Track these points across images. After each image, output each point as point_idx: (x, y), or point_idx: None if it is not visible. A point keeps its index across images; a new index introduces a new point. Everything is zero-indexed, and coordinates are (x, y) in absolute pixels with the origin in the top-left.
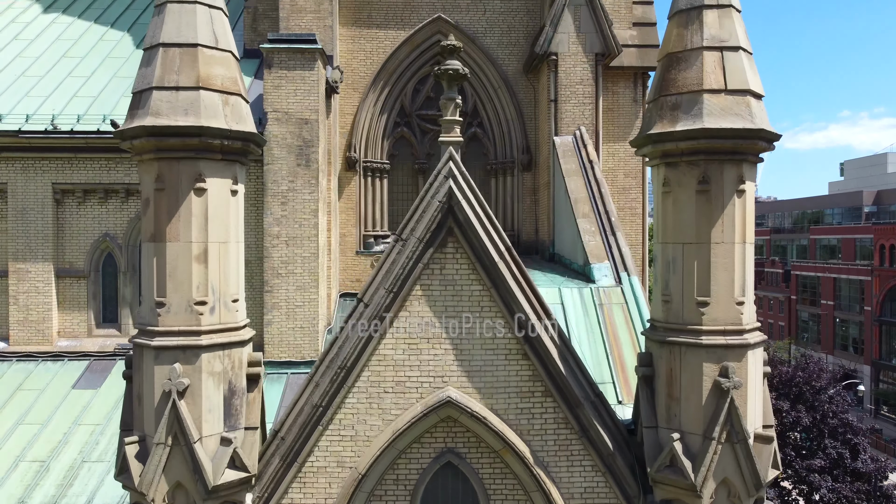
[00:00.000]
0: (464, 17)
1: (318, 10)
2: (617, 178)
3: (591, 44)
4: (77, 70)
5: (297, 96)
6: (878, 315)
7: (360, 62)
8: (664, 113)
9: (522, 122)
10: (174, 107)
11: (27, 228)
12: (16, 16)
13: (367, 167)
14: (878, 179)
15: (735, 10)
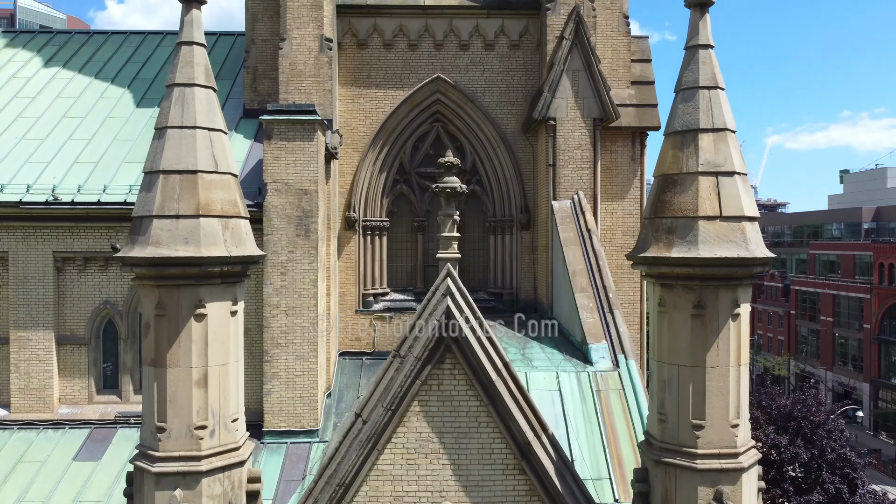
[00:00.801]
0: (462, 77)
1: (317, 73)
2: (615, 236)
3: (590, 109)
4: (78, 132)
5: (297, 167)
6: (877, 333)
7: (359, 122)
8: (660, 235)
9: (521, 180)
10: (174, 236)
11: (28, 296)
12: (17, 70)
13: (366, 226)
14: (877, 194)
15: (730, 132)
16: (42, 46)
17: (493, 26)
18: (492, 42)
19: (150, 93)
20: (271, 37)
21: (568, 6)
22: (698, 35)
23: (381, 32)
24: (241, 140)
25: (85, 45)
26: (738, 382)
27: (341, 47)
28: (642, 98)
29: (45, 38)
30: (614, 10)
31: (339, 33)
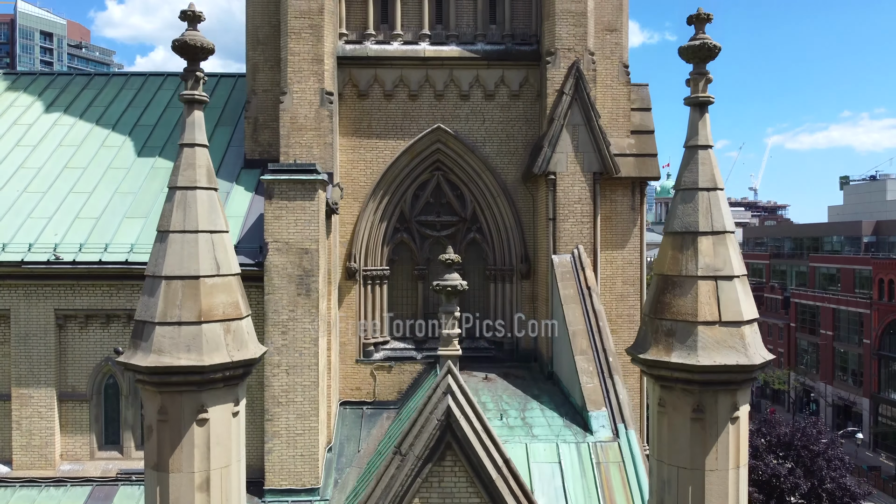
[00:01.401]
0: (463, 127)
1: (318, 127)
2: (615, 285)
3: (590, 163)
4: (79, 184)
5: (298, 226)
6: (877, 349)
7: (360, 171)
8: (659, 337)
9: (521, 230)
10: (176, 343)
11: (29, 353)
12: (19, 115)
13: (366, 276)
14: (877, 206)
15: (729, 233)
16: (43, 90)
17: (493, 77)
18: (492, 92)
19: (151, 140)
20: (272, 87)
21: (568, 60)
22: (698, 135)
23: (382, 83)
24: (241, 193)
25: (86, 87)
26: (738, 484)
27: (342, 97)
28: (642, 147)
29: (46, 81)
30: (614, 59)
31: (340, 84)
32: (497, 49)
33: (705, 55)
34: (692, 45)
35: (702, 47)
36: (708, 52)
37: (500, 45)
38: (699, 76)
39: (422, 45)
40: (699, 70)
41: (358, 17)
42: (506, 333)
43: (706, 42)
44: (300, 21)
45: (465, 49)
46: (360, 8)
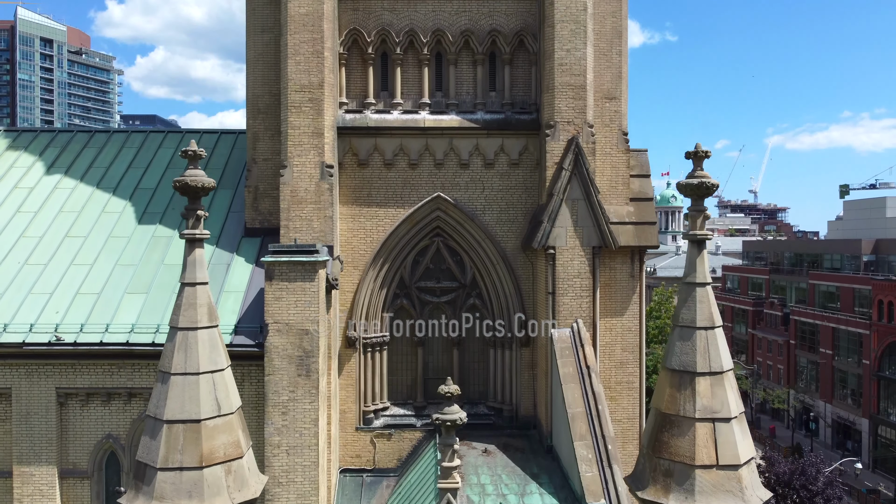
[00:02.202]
0: (462, 195)
1: (318, 200)
2: (614, 352)
3: (589, 237)
4: (80, 255)
5: (298, 307)
6: (877, 370)
7: (360, 240)
8: (657, 476)
9: (521, 297)
10: (178, 489)
11: (31, 431)
12: (20, 178)
13: (366, 343)
14: (876, 223)
15: (727, 372)
16: (44, 148)
17: (492, 146)
18: (491, 161)
19: (152, 205)
20: (272, 156)
21: (567, 133)
22: (696, 272)
23: (382, 152)
24: (241, 265)
25: (87, 146)
26: None
27: (342, 166)
28: (641, 215)
29: (47, 138)
30: (613, 127)
31: (340, 153)
32: (497, 118)
33: (703, 193)
34: (691, 184)
35: (700, 186)
36: (706, 190)
37: (499, 114)
38: (697, 213)
39: (422, 113)
40: (697, 207)
41: (358, 85)
42: (505, 400)
43: (704, 181)
44: (300, 95)
45: (464, 118)
46: (360, 76)
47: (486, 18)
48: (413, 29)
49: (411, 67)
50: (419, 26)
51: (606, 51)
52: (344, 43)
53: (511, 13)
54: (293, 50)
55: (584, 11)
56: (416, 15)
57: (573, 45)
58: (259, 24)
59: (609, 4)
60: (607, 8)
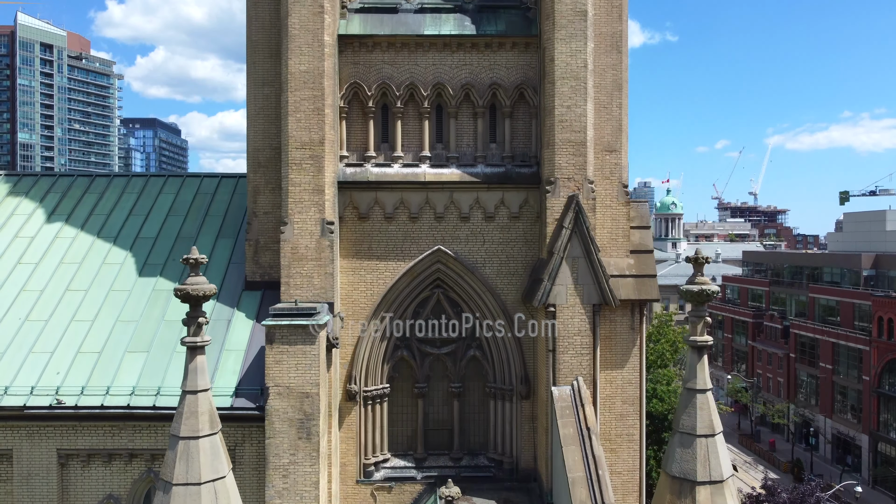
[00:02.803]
0: (463, 248)
1: (318, 257)
2: (615, 404)
3: (589, 295)
4: (81, 310)
5: (299, 371)
6: (877, 386)
7: (360, 293)
8: None
9: (521, 350)
10: None
11: (32, 492)
12: (20, 227)
13: (366, 396)
14: (876, 236)
15: (727, 481)
16: (45, 195)
17: (493, 199)
18: (492, 214)
19: (153, 256)
20: (273, 209)
21: (568, 189)
22: (696, 378)
23: (383, 205)
24: (242, 321)
25: (88, 191)
26: None
27: (343, 220)
28: (641, 268)
29: (48, 183)
30: (613, 180)
31: (341, 206)
32: (497, 172)
33: (704, 299)
34: (691, 290)
35: (701, 293)
36: (707, 297)
37: (500, 168)
38: (697, 318)
39: (422, 167)
40: (698, 312)
41: (359, 138)
42: (506, 452)
43: (704, 289)
44: (301, 152)
45: (465, 172)
46: (361, 128)
47: (487, 72)
48: (414, 82)
49: (412, 120)
50: (420, 79)
51: (607, 103)
52: (345, 96)
53: (511, 66)
54: (294, 107)
55: (584, 68)
56: (417, 68)
57: (574, 102)
58: (260, 77)
59: (609, 57)
60: (608, 61)
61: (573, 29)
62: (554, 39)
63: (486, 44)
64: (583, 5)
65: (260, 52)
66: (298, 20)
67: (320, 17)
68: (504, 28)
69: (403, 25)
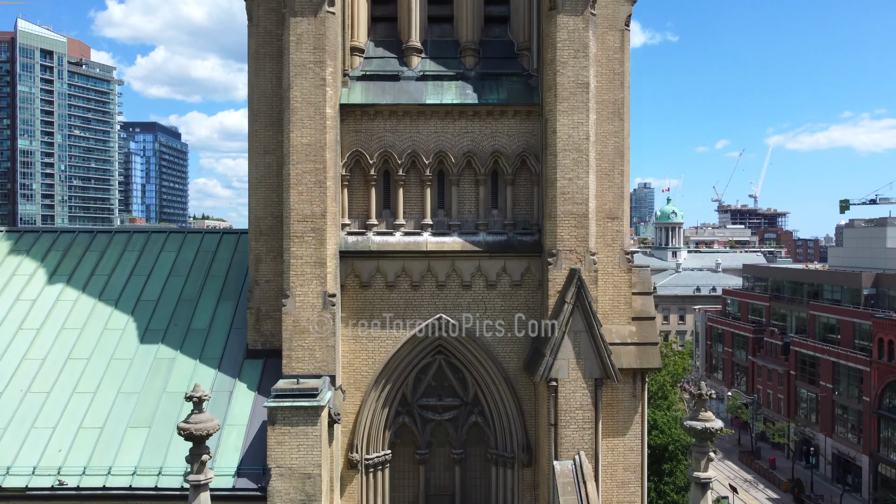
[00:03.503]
0: (464, 316)
1: (320, 330)
2: (616, 472)
3: (591, 370)
4: (82, 381)
5: (301, 451)
6: (877, 407)
7: (361, 361)
8: None
9: (523, 418)
10: None
11: None
12: (22, 289)
13: (368, 464)
14: (877, 252)
15: None
16: (46, 253)
17: (495, 267)
18: (494, 282)
19: (154, 321)
20: (274, 278)
21: (570, 261)
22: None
23: (385, 274)
24: (244, 393)
25: (89, 249)
26: None
27: (344, 288)
28: (643, 335)
29: (49, 240)
30: (615, 247)
31: (343, 275)
32: (499, 240)
33: (708, 436)
34: (695, 427)
35: (704, 431)
36: (710, 434)
37: (501, 236)
38: (701, 454)
39: (424, 235)
40: (702, 448)
41: (360, 205)
42: None
43: (708, 426)
44: (303, 225)
45: (466, 241)
46: (363, 195)
47: (489, 139)
48: (416, 150)
49: (414, 186)
50: (422, 147)
51: (609, 171)
52: (346, 164)
53: (513, 134)
54: (296, 180)
55: (586, 140)
56: (419, 136)
57: (576, 174)
58: (261, 146)
59: (611, 124)
60: (609, 128)
61: (575, 101)
62: (556, 112)
63: (487, 112)
64: (585, 77)
65: (261, 121)
66: (300, 93)
67: (322, 89)
68: (506, 97)
69: (405, 94)
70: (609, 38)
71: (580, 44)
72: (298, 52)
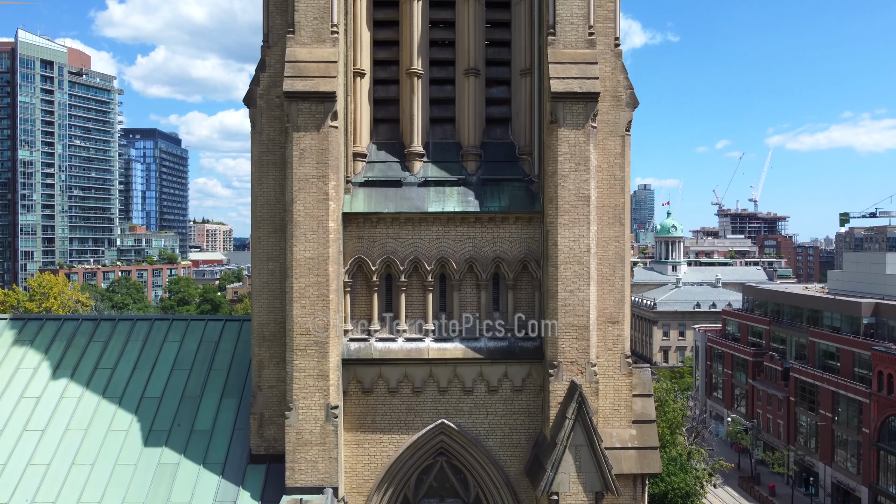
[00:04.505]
0: (466, 420)
1: (323, 442)
2: None
3: (591, 483)
4: (87, 492)
5: None
6: (877, 440)
7: (364, 466)
8: None
9: None
10: None
11: None
12: (26, 385)
13: None
14: (876, 278)
15: None
16: (50, 344)
17: (496, 373)
18: (495, 387)
19: (157, 422)
20: (277, 383)
21: (571, 372)
22: None
23: (387, 380)
24: (247, 502)
25: (92, 339)
26: None
27: (346, 394)
28: (644, 439)
29: (53, 329)
30: (616, 351)
31: (345, 382)
32: (500, 346)
33: None
34: None
35: None
36: None
37: (502, 341)
38: None
39: (426, 341)
40: None
41: (362, 309)
42: None
43: None
44: (305, 338)
45: (468, 347)
46: (365, 300)
47: (490, 245)
48: (418, 257)
49: (416, 291)
50: (424, 254)
51: (609, 276)
52: (349, 271)
53: (515, 239)
54: (299, 294)
55: (587, 253)
56: (421, 242)
57: (576, 287)
58: (264, 253)
59: (612, 230)
60: (610, 233)
61: (576, 214)
62: (557, 225)
63: (489, 218)
64: (586, 191)
65: (265, 228)
66: (303, 207)
67: (325, 203)
68: (507, 204)
69: (408, 202)
70: (610, 143)
71: (581, 157)
72: (301, 167)
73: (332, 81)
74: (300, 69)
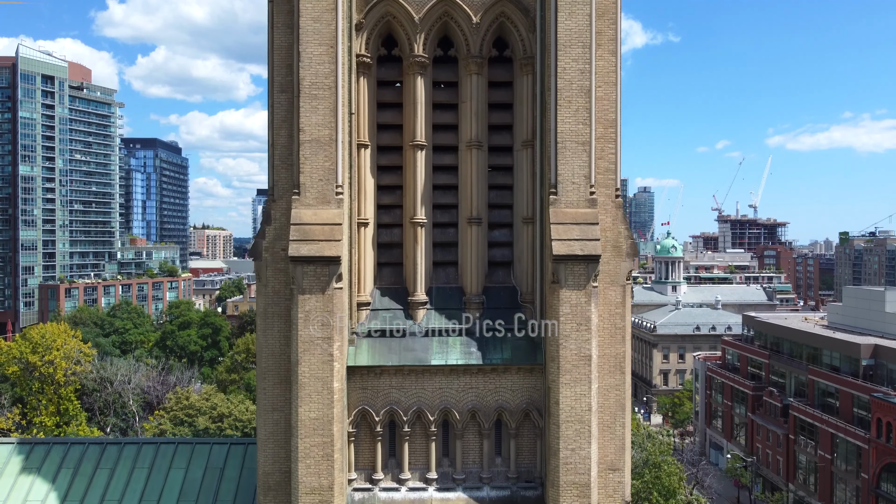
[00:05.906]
0: None
1: None
2: None
3: None
4: None
5: None
6: (875, 486)
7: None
8: None
9: None
10: None
11: None
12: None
13: None
14: (875, 315)
15: None
16: (57, 472)
17: None
18: None
19: None
20: None
21: None
22: None
23: None
24: None
25: (99, 466)
26: None
27: None
28: None
29: (59, 454)
30: (616, 498)
31: None
32: (502, 496)
33: None
34: None
35: None
36: None
37: (505, 490)
38: None
39: (429, 490)
40: None
41: (366, 457)
42: None
43: None
44: (311, 497)
45: (471, 497)
46: (369, 448)
47: (493, 395)
48: (421, 407)
49: (419, 438)
50: (427, 404)
51: (610, 424)
52: (353, 421)
53: (517, 389)
54: (304, 453)
55: (588, 412)
56: (424, 393)
57: (578, 445)
58: (269, 404)
59: (613, 378)
60: (611, 382)
61: (578, 374)
62: (559, 384)
63: (492, 369)
64: (587, 350)
65: (270, 379)
66: (308, 369)
67: (330, 365)
68: (510, 356)
69: (411, 353)
70: (610, 293)
71: (583, 317)
72: (307, 329)
73: (337, 245)
74: (305, 232)
